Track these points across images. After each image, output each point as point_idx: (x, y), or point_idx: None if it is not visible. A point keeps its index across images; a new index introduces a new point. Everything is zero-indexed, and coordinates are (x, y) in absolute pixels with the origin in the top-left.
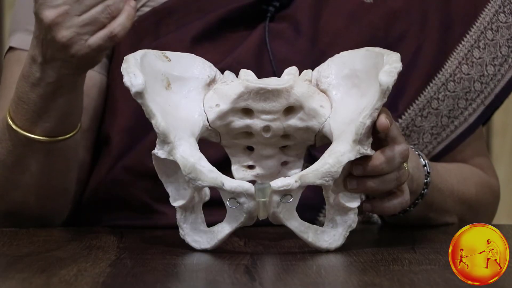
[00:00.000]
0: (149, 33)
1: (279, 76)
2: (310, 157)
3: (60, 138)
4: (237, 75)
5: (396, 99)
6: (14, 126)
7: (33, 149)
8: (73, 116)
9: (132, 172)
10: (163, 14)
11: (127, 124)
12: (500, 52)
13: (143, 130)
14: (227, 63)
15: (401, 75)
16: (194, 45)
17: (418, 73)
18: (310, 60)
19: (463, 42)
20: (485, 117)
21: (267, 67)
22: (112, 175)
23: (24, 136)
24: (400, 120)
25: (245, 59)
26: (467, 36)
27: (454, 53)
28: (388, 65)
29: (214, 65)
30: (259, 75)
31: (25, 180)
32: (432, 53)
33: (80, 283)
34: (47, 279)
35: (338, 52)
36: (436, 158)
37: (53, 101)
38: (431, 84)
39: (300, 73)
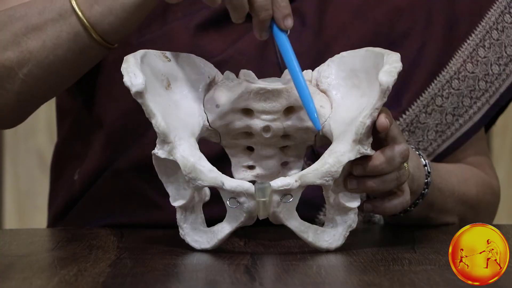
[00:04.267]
0: (157, 18)
1: (284, 68)
2: (313, 155)
3: (95, 36)
4: (241, 64)
5: (400, 95)
6: None
7: (68, 24)
8: (122, 25)
9: (136, 165)
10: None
11: (128, 111)
12: (505, 52)
13: (144, 119)
14: (231, 53)
15: (405, 71)
16: (199, 33)
17: (422, 70)
18: (314, 52)
19: (468, 41)
20: (490, 116)
21: (272, 58)
22: (114, 167)
23: (69, 4)
24: (404, 116)
25: (249, 49)
26: (472, 35)
27: (459, 51)
28: (388, 65)
29: (219, 53)
30: (264, 67)
31: (39, 45)
32: (436, 50)
33: (80, 283)
34: (47, 279)
35: (342, 46)
36: (440, 156)
37: None
38: (435, 81)
39: (302, 68)
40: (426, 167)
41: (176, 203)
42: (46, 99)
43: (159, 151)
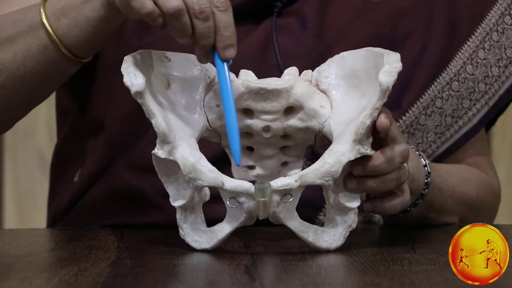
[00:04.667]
0: None
1: (284, 70)
2: (313, 155)
3: (62, 48)
4: (241, 66)
5: (400, 97)
6: (41, 8)
7: (37, 37)
8: (87, 39)
9: (136, 166)
10: None
11: (128, 113)
12: (505, 54)
13: (144, 120)
14: None
15: (405, 73)
16: None
17: (422, 72)
18: (315, 54)
19: (468, 43)
20: (489, 118)
21: (272, 60)
22: (114, 169)
23: (39, 16)
24: (404, 118)
25: (250, 52)
26: (473, 36)
27: (459, 53)
28: (388, 65)
29: None
30: (264, 69)
31: (10, 56)
32: (437, 52)
33: (80, 283)
34: (47, 279)
35: (343, 47)
36: (439, 158)
37: (85, 5)
38: (435, 83)
39: (303, 69)
40: (426, 167)
41: (176, 203)
42: (23, 111)
43: (159, 151)
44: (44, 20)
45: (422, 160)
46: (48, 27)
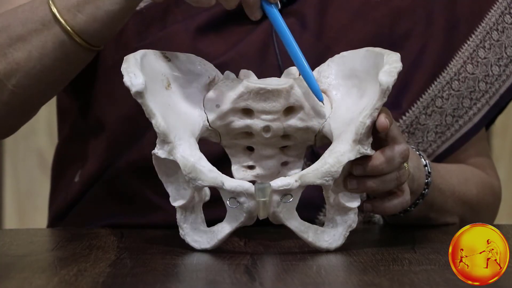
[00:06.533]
0: (156, 21)
1: (284, 70)
2: (313, 155)
3: (81, 42)
4: (241, 67)
5: (400, 97)
6: (52, 5)
7: (52, 34)
8: (109, 30)
9: (135, 167)
10: (171, 3)
11: (128, 113)
12: (506, 53)
13: (144, 120)
14: (231, 55)
15: (405, 72)
16: (199, 36)
17: (422, 71)
18: (315, 54)
19: (468, 42)
20: (489, 118)
21: (273, 61)
22: (114, 169)
23: (50, 14)
24: (404, 117)
25: (250, 52)
26: (473, 36)
27: (459, 52)
28: (388, 65)
29: (219, 56)
30: (264, 69)
31: (25, 56)
32: (437, 51)
33: (80, 283)
34: (47, 279)
35: (343, 48)
36: (440, 157)
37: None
38: (435, 83)
39: None
40: (426, 167)
41: (176, 203)
42: (36, 107)
43: (159, 151)
44: (59, 17)
45: (422, 160)
46: (64, 24)
